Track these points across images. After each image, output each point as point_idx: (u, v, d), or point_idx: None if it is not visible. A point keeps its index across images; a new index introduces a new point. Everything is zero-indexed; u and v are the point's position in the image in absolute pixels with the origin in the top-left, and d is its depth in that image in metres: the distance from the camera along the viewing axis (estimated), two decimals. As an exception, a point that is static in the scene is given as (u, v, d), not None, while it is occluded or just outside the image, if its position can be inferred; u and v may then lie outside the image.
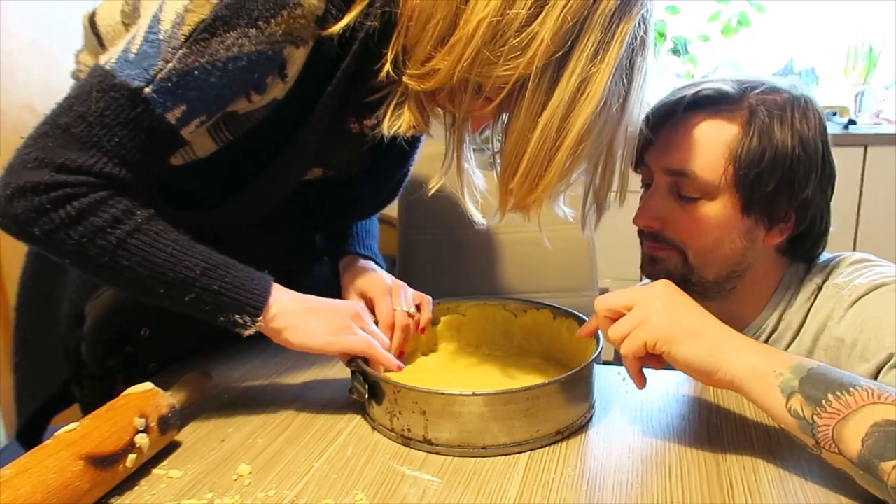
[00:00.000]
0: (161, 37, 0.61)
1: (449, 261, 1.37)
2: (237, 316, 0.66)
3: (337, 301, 0.74)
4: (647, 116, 0.73)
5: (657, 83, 2.42)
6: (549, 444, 0.66)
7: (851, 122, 1.98)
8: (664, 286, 0.66)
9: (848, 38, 2.26)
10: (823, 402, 0.54)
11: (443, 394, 0.64)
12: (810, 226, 0.76)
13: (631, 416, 0.71)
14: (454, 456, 0.64)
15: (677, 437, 0.66)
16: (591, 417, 0.71)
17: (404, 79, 0.66)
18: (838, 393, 0.54)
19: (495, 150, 0.71)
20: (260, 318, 0.67)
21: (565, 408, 0.67)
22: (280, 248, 0.90)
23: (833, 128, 1.99)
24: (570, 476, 0.60)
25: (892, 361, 0.65)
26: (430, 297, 0.85)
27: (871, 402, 0.53)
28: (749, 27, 2.33)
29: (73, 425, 0.59)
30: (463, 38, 0.59)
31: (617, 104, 0.61)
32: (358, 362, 0.71)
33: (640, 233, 0.80)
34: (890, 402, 0.53)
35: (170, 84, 0.61)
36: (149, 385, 0.67)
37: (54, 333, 0.87)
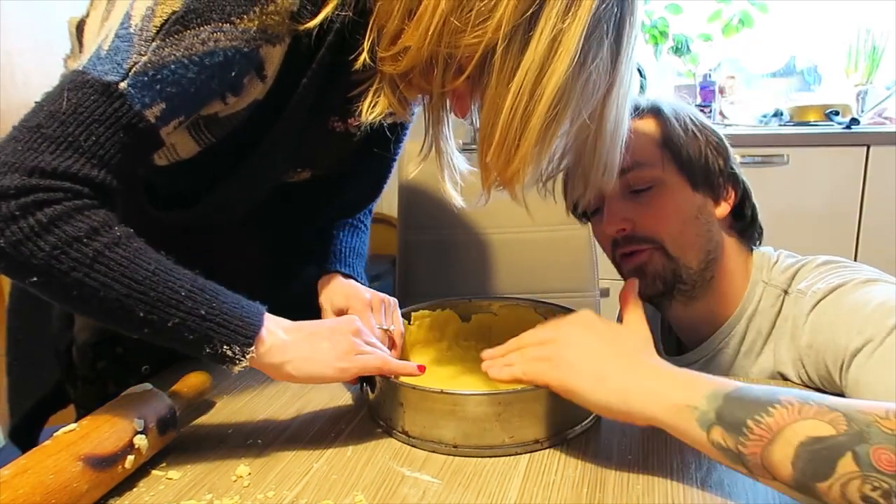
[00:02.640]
0: (132, 31, 0.58)
1: (448, 261, 1.37)
2: (226, 347, 0.60)
3: (334, 320, 0.71)
4: None
5: (659, 82, 2.43)
6: (552, 447, 0.65)
7: (854, 121, 1.97)
8: (584, 320, 0.67)
9: (850, 38, 2.26)
10: (744, 429, 0.51)
11: (447, 393, 0.64)
12: (744, 197, 0.84)
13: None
14: (457, 456, 0.64)
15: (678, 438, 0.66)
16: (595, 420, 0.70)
17: (380, 62, 0.64)
18: (757, 417, 0.50)
19: (476, 128, 0.68)
20: (251, 350, 0.61)
21: (569, 410, 0.66)
22: (268, 246, 0.89)
23: (835, 127, 1.98)
24: (571, 477, 0.60)
25: (845, 360, 0.66)
26: (394, 300, 0.82)
27: (792, 421, 0.49)
28: (751, 26, 2.33)
29: (71, 426, 0.58)
30: (429, 7, 0.57)
31: (601, 68, 0.58)
32: (372, 379, 0.69)
33: (615, 247, 0.83)
34: (811, 415, 0.49)
35: (145, 78, 0.57)
36: (147, 386, 0.66)
37: (46, 335, 0.86)
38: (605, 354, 0.62)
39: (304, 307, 0.72)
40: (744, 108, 2.28)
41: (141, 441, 0.60)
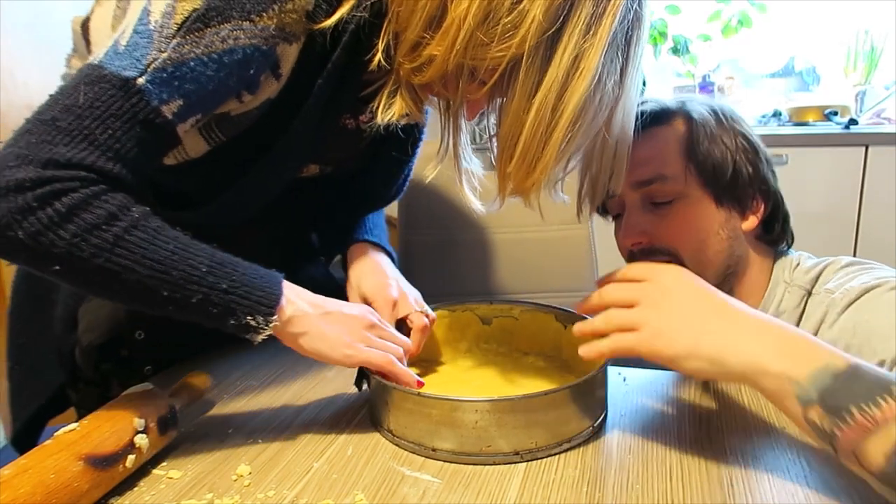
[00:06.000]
0: (152, 27, 0.58)
1: (449, 261, 1.37)
2: (249, 318, 0.61)
3: (352, 307, 0.71)
4: None
5: (658, 82, 2.43)
6: (554, 455, 0.65)
7: (852, 121, 1.98)
8: (673, 281, 0.63)
9: (849, 38, 2.26)
10: (846, 415, 0.49)
11: (447, 399, 0.64)
12: (776, 208, 0.82)
13: (631, 416, 0.71)
14: (454, 463, 0.63)
15: (678, 438, 0.66)
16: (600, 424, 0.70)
17: (398, 67, 0.65)
18: (863, 405, 0.49)
19: (491, 133, 0.70)
20: (274, 319, 0.62)
21: (574, 418, 0.65)
22: (274, 246, 0.89)
23: (834, 128, 1.99)
24: (571, 477, 0.60)
25: (884, 369, 0.64)
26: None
27: None
28: (750, 27, 2.33)
29: (72, 426, 0.58)
30: (455, 20, 0.58)
31: (613, 82, 0.60)
32: (373, 377, 0.69)
33: (632, 258, 0.81)
34: None
35: (164, 75, 0.57)
36: (148, 385, 0.67)
37: (48, 338, 0.86)
38: (695, 313, 0.59)
39: None
40: (743, 109, 2.29)
41: (142, 440, 0.60)
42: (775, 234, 0.83)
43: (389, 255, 0.89)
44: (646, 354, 0.60)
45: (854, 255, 1.86)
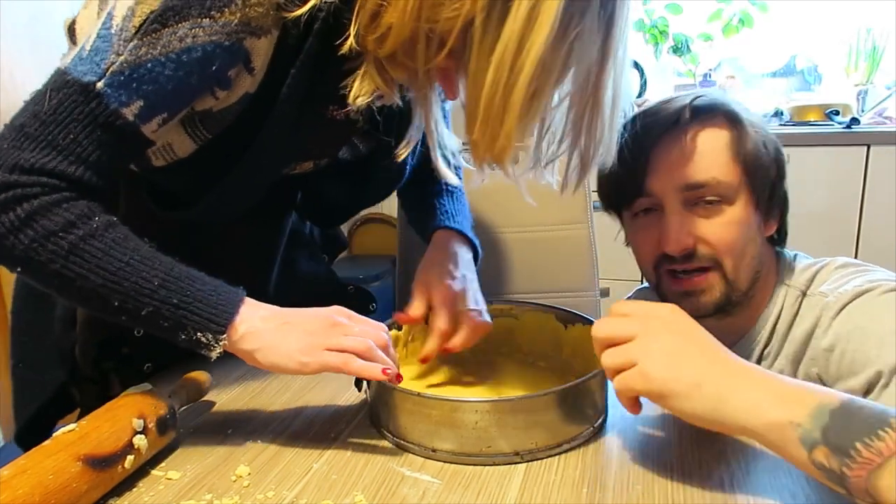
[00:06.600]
0: (113, 31, 0.59)
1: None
2: (199, 334, 0.61)
3: (317, 311, 0.68)
4: (637, 144, 0.72)
5: (659, 82, 2.42)
6: (554, 455, 0.64)
7: (854, 121, 1.97)
8: (670, 317, 0.59)
9: (850, 37, 2.26)
10: (852, 452, 0.47)
11: (447, 400, 0.64)
12: (786, 211, 0.82)
13: (631, 416, 0.71)
14: (454, 463, 0.63)
15: (678, 438, 0.66)
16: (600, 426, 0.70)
17: (364, 43, 0.63)
18: (867, 440, 0.47)
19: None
20: (224, 337, 0.62)
21: (574, 418, 0.65)
22: (273, 241, 0.89)
23: (835, 127, 1.98)
24: (571, 477, 0.60)
25: (882, 381, 0.64)
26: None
27: None
28: (751, 26, 2.33)
29: (71, 426, 0.58)
30: None
31: (585, 37, 0.56)
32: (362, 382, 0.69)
33: (664, 262, 0.77)
34: None
35: (122, 77, 0.58)
36: (147, 386, 0.66)
37: (49, 336, 0.86)
38: (698, 358, 0.55)
39: (312, 303, 0.71)
40: (744, 108, 2.28)
41: (140, 441, 0.60)
42: (781, 236, 0.82)
43: (471, 242, 0.87)
44: (645, 395, 0.56)
45: (855, 255, 1.87)
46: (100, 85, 0.58)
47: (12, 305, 0.90)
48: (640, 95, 2.32)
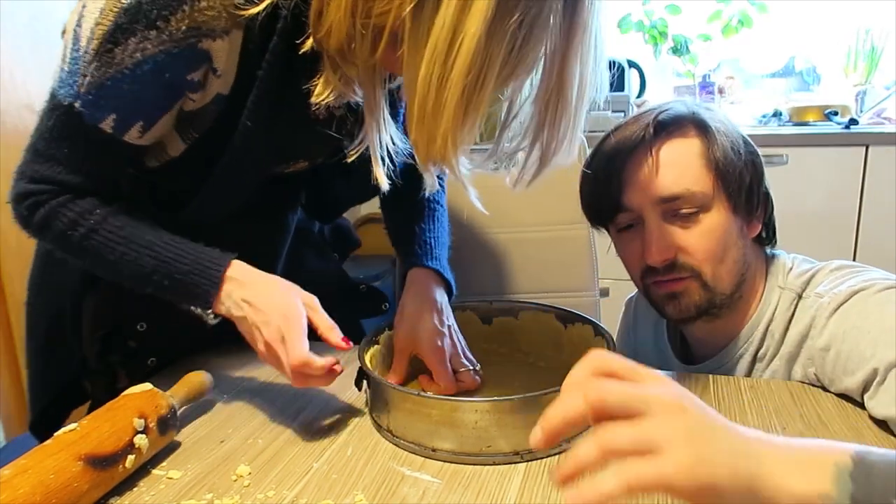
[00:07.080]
0: (80, 53, 0.63)
1: (448, 260, 1.37)
2: (192, 307, 0.70)
3: (276, 307, 0.67)
4: (609, 161, 0.76)
5: (659, 82, 2.43)
6: (554, 455, 0.64)
7: (853, 121, 1.97)
8: (689, 406, 0.46)
9: (849, 38, 2.26)
10: None
11: (447, 399, 0.64)
12: (771, 210, 0.82)
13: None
14: (454, 463, 0.63)
15: None
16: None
17: (321, 44, 0.61)
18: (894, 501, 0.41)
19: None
20: (211, 312, 0.70)
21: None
22: (277, 239, 0.89)
23: (834, 128, 1.98)
24: (571, 477, 0.60)
25: (878, 378, 0.64)
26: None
27: None
28: (750, 27, 2.33)
29: (72, 426, 0.59)
30: None
31: (535, 26, 0.52)
32: (373, 378, 0.70)
33: (649, 274, 0.79)
34: None
35: (91, 97, 0.64)
36: (148, 385, 0.67)
37: (60, 329, 0.87)
38: (723, 449, 0.44)
39: (319, 300, 0.71)
40: (743, 109, 2.29)
41: (141, 441, 0.60)
42: (769, 236, 0.83)
43: (448, 283, 0.85)
44: (665, 489, 0.41)
45: (854, 256, 1.87)
46: (77, 105, 0.64)
47: (26, 298, 0.91)
48: (639, 96, 2.32)
